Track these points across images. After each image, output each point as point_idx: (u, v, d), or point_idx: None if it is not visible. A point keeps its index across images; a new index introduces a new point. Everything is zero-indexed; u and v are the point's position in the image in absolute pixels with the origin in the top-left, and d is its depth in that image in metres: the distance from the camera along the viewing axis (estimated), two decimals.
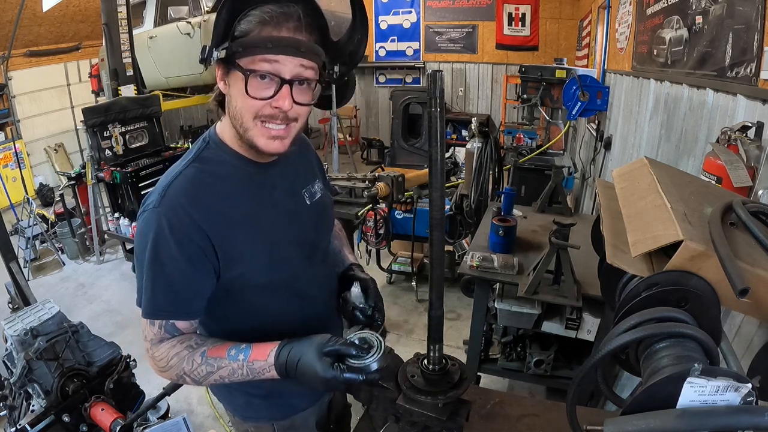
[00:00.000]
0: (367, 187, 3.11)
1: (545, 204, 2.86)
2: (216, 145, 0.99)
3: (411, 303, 3.91)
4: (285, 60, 0.86)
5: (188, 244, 0.91)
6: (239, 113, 0.90)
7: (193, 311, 0.97)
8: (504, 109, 7.30)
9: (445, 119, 0.76)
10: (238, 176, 0.99)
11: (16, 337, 2.11)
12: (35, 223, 4.77)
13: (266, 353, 0.92)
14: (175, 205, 0.91)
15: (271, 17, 0.84)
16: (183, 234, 0.90)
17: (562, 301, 2.05)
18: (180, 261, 0.91)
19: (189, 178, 0.94)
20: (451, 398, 0.93)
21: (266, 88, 0.87)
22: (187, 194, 0.92)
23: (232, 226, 0.96)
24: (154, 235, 0.90)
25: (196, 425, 2.67)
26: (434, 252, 0.88)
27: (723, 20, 1.75)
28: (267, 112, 0.89)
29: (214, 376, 0.94)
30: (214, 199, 0.94)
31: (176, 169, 0.97)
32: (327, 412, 1.32)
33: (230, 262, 0.96)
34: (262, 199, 1.01)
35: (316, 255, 1.12)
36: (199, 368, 0.94)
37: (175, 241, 0.90)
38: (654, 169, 0.98)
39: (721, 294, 0.73)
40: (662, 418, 0.54)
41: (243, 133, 0.92)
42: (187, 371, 0.94)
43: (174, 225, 0.90)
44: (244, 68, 0.86)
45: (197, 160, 0.97)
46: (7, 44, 5.72)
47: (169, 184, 0.93)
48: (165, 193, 0.92)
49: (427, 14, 7.82)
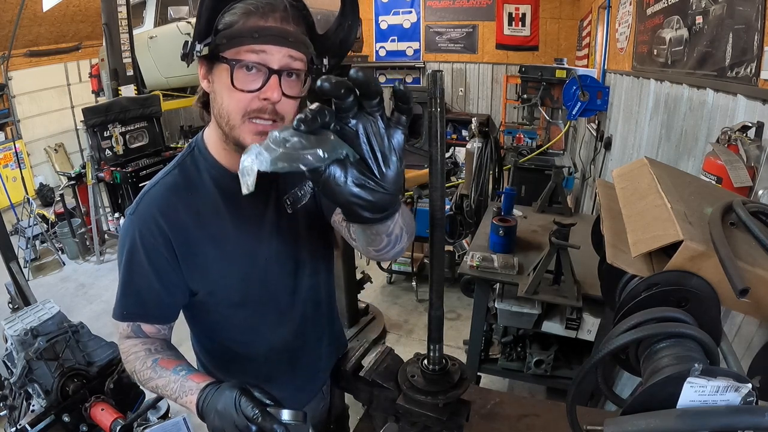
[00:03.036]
0: None
1: (545, 204, 2.86)
2: (199, 153, 0.97)
3: (411, 303, 3.91)
4: (272, 50, 0.81)
5: (156, 256, 0.92)
6: (225, 110, 0.85)
7: (159, 318, 1.00)
8: (504, 109, 7.30)
9: (445, 119, 0.76)
10: (214, 190, 0.95)
11: (16, 337, 2.11)
12: (35, 223, 4.77)
13: (200, 383, 0.87)
14: (146, 216, 0.92)
15: (257, 7, 0.80)
16: (151, 245, 0.91)
17: (562, 301, 2.05)
18: (148, 270, 0.92)
19: (166, 187, 0.94)
20: (451, 398, 0.92)
21: (253, 80, 0.82)
22: (160, 204, 0.92)
23: (201, 243, 0.94)
24: (129, 242, 0.92)
25: (196, 425, 2.66)
26: (434, 252, 0.88)
27: (723, 20, 1.75)
28: (255, 106, 0.83)
29: (152, 383, 0.95)
30: (185, 213, 0.93)
31: (157, 177, 0.97)
32: (327, 415, 1.32)
33: (197, 277, 0.96)
34: (236, 214, 0.97)
35: (299, 269, 1.07)
36: (145, 371, 0.96)
37: (144, 251, 0.92)
38: (654, 169, 0.98)
39: (721, 294, 0.73)
40: (662, 418, 0.54)
41: (229, 131, 0.87)
42: (137, 370, 0.97)
43: (144, 235, 0.91)
44: (230, 59, 0.81)
45: (178, 168, 0.97)
46: (7, 44, 5.72)
47: (147, 191, 0.94)
48: (141, 201, 0.93)
49: (428, 14, 7.82)
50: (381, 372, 1.02)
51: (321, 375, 1.23)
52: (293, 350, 1.13)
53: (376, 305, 3.76)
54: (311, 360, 1.19)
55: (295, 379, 1.17)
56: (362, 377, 1.07)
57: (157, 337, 1.02)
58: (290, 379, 1.16)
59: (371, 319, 3.49)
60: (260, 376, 1.08)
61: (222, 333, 1.07)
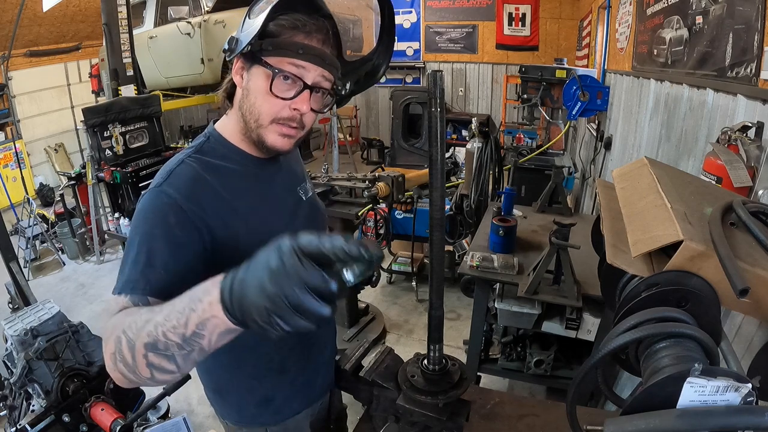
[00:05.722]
0: (367, 187, 3.11)
1: (545, 204, 2.86)
2: (216, 140, 1.00)
3: (411, 303, 3.91)
4: (310, 67, 0.90)
5: (186, 223, 0.86)
6: (258, 110, 0.92)
7: (174, 292, 0.79)
8: (504, 109, 7.31)
9: (445, 119, 0.76)
10: (238, 169, 0.99)
11: (16, 337, 2.11)
12: (35, 223, 4.77)
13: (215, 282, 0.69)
14: (179, 186, 0.89)
15: (304, 24, 0.88)
16: (183, 212, 0.87)
17: (562, 301, 2.05)
18: (175, 236, 0.85)
19: (192, 165, 0.94)
20: (451, 398, 0.93)
21: (288, 90, 0.90)
22: (191, 177, 0.91)
23: (232, 216, 0.95)
24: (155, 209, 0.86)
25: (196, 425, 2.67)
26: (434, 252, 0.88)
27: (723, 20, 1.75)
28: (285, 114, 0.92)
29: (148, 327, 0.70)
30: (215, 188, 0.94)
31: (178, 157, 0.96)
32: (326, 415, 1.32)
33: (227, 250, 0.93)
34: (261, 193, 1.02)
35: None
36: (138, 319, 0.73)
37: (174, 216, 0.86)
38: (654, 169, 0.98)
39: (721, 294, 0.73)
40: (662, 418, 0.54)
41: (255, 128, 0.94)
42: (126, 327, 0.73)
43: (176, 201, 0.87)
44: (274, 66, 0.88)
45: (199, 152, 0.97)
46: (7, 44, 5.73)
47: (173, 169, 0.92)
48: (169, 176, 0.90)
49: (428, 14, 7.82)
50: (381, 372, 1.02)
51: (327, 367, 1.23)
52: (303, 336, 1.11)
53: (376, 305, 3.76)
54: (320, 348, 1.20)
55: (305, 370, 1.17)
56: (362, 377, 1.07)
57: None
58: (301, 369, 1.16)
59: (371, 319, 3.49)
60: (273, 366, 1.10)
61: None
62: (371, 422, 1.11)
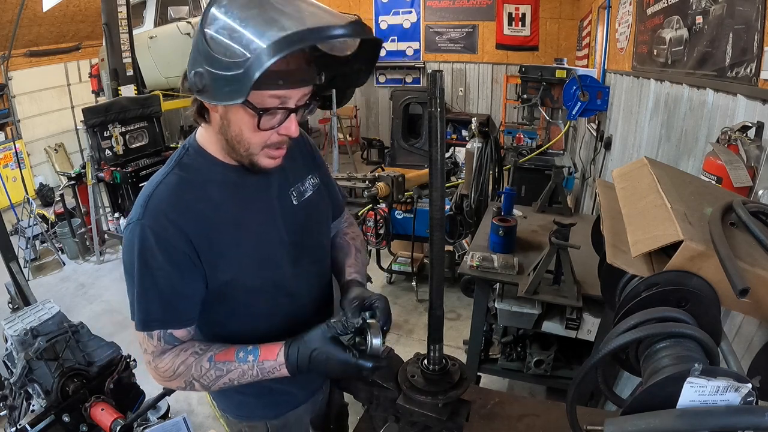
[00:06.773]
0: (367, 187, 3.12)
1: (545, 204, 2.86)
2: (195, 152, 0.98)
3: (411, 303, 3.91)
4: (293, 92, 0.86)
5: (174, 252, 0.90)
6: (247, 142, 0.91)
7: (187, 318, 0.97)
8: (504, 109, 7.30)
9: (445, 119, 0.76)
10: (220, 181, 0.97)
11: (16, 337, 2.11)
12: (35, 223, 4.77)
13: (275, 353, 0.95)
14: (157, 215, 0.90)
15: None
16: (168, 243, 0.90)
17: (562, 301, 2.05)
18: (168, 270, 0.90)
19: (171, 186, 0.94)
20: (451, 398, 0.93)
21: (274, 118, 0.88)
22: (170, 201, 0.92)
23: (217, 231, 0.95)
24: (140, 247, 0.89)
25: (196, 425, 2.67)
26: (434, 252, 0.88)
27: (723, 20, 1.75)
28: (275, 140, 0.91)
29: (223, 380, 0.95)
30: (196, 205, 0.94)
31: (157, 178, 0.96)
32: (326, 410, 1.32)
33: (217, 266, 0.96)
34: (245, 202, 1.00)
35: (303, 255, 1.11)
36: (208, 373, 0.94)
37: (161, 250, 0.89)
38: (654, 169, 0.98)
39: (721, 294, 0.73)
40: (662, 418, 0.54)
41: (246, 155, 0.93)
42: (196, 377, 0.95)
43: (159, 234, 0.89)
44: (258, 108, 0.83)
45: (178, 167, 0.97)
46: (7, 44, 5.72)
47: (151, 194, 0.92)
48: (147, 204, 0.91)
49: (427, 14, 7.82)
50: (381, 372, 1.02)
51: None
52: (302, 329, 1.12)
53: None
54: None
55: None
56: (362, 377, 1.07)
57: (189, 339, 0.99)
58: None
59: None
60: None
61: (238, 319, 1.06)
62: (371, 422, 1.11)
